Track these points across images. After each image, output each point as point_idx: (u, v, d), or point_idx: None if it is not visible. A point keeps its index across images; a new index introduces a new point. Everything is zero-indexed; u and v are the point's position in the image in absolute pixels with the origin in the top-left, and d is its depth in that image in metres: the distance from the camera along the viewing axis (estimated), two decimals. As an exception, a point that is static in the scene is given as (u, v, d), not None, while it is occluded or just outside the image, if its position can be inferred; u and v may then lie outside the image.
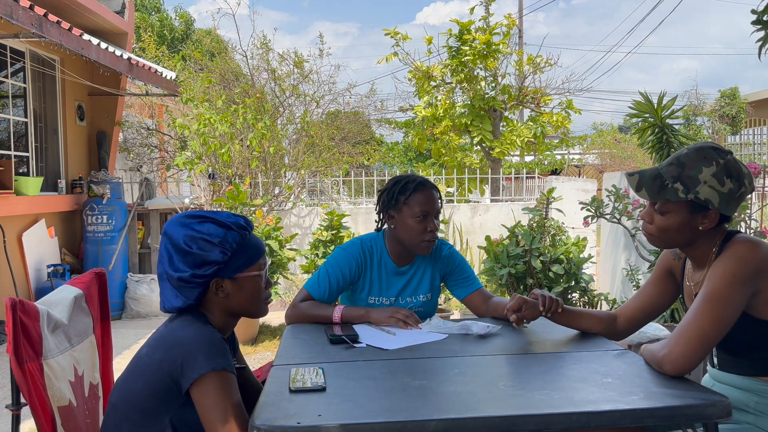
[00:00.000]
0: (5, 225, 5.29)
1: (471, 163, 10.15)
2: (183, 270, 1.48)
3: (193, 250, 1.48)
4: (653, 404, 1.32)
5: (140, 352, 1.49)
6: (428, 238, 2.15)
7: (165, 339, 1.45)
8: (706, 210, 1.58)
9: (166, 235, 1.52)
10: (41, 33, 4.75)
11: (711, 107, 14.40)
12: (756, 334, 1.57)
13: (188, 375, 1.36)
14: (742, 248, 1.55)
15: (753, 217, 4.15)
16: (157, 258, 1.59)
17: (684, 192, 1.56)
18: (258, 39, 10.25)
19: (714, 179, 1.55)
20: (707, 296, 1.51)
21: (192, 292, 1.49)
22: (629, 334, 1.90)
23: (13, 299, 1.40)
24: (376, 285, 2.24)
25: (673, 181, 1.58)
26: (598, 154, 19.12)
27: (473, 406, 1.33)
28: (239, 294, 1.54)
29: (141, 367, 1.45)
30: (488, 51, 9.20)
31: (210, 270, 1.49)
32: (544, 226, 4.72)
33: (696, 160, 1.57)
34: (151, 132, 8.87)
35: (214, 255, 1.49)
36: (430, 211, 2.14)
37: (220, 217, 1.54)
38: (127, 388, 1.45)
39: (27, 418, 1.53)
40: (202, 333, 1.42)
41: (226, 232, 1.51)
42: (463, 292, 2.32)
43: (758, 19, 2.74)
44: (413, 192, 2.15)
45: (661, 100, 3.78)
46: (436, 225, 2.17)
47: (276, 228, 5.12)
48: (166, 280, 1.51)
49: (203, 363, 1.36)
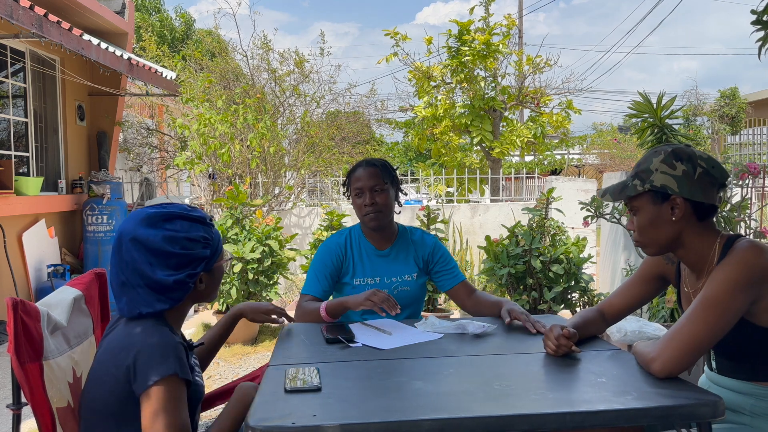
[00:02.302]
0: (5, 225, 5.30)
1: (471, 163, 10.15)
2: (173, 273, 1.43)
3: (177, 251, 1.44)
4: (647, 404, 1.32)
5: (99, 359, 1.45)
6: (365, 212, 2.28)
7: (122, 345, 1.40)
8: (668, 197, 1.59)
9: (136, 240, 1.42)
10: (41, 33, 4.76)
11: (711, 107, 14.39)
12: (756, 341, 1.56)
13: (140, 382, 1.33)
14: (747, 254, 1.52)
15: (753, 217, 4.15)
16: (117, 264, 1.44)
17: (641, 185, 1.61)
18: (258, 39, 10.27)
19: (663, 164, 1.59)
20: (705, 301, 1.49)
21: (182, 292, 1.46)
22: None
23: (14, 299, 1.39)
24: (359, 267, 2.33)
25: (632, 180, 1.63)
26: (597, 154, 19.12)
27: (468, 406, 1.34)
28: (211, 283, 1.55)
29: (102, 375, 1.41)
30: (488, 51, 9.20)
31: (200, 267, 1.48)
32: (544, 226, 4.72)
33: (649, 156, 1.64)
34: (151, 132, 8.88)
35: (200, 251, 1.47)
36: (364, 185, 2.28)
37: (185, 212, 1.49)
38: (94, 398, 1.42)
39: (27, 417, 1.54)
40: (157, 339, 1.38)
41: (203, 228, 1.50)
42: (447, 283, 2.40)
43: (758, 19, 2.75)
44: (351, 173, 2.35)
45: (661, 100, 3.79)
46: (376, 200, 2.28)
47: (276, 228, 5.13)
48: (140, 287, 1.42)
49: (155, 370, 1.32)
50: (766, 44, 2.74)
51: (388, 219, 2.34)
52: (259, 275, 4.90)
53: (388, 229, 2.37)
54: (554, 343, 1.66)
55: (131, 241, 1.43)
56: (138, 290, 1.43)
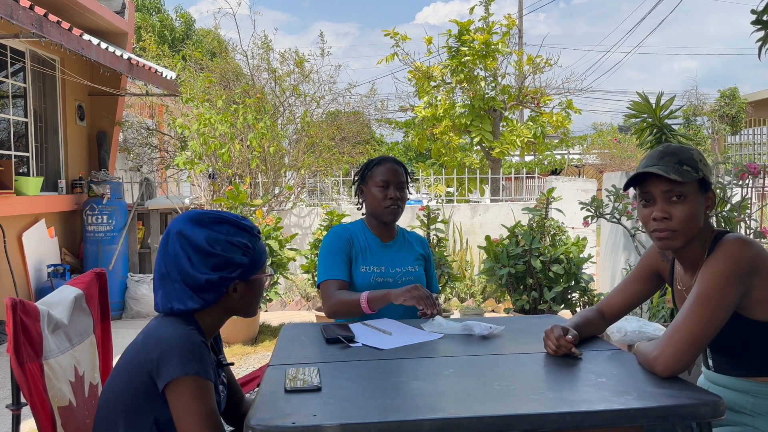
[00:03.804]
0: (5, 225, 5.30)
1: (471, 163, 10.15)
2: (208, 273, 1.46)
3: (217, 251, 1.47)
4: (647, 404, 1.32)
5: (126, 352, 1.48)
6: (388, 204, 2.35)
7: (148, 338, 1.43)
8: (708, 188, 1.61)
9: (182, 234, 1.48)
10: (41, 33, 4.76)
11: (711, 107, 14.39)
12: (749, 335, 1.57)
13: (163, 375, 1.35)
14: (734, 247, 1.54)
15: (753, 217, 4.15)
16: (162, 257, 1.50)
17: (694, 171, 1.56)
18: (258, 39, 10.27)
19: (701, 156, 1.60)
20: (698, 297, 1.51)
21: (212, 294, 1.48)
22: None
23: (13, 299, 1.39)
24: (366, 255, 2.39)
25: (680, 165, 1.56)
26: (598, 154, 19.13)
27: (468, 406, 1.33)
28: (248, 295, 1.55)
29: (125, 366, 1.44)
30: (488, 51, 9.20)
31: (236, 273, 1.49)
32: (544, 226, 4.73)
33: (679, 148, 1.61)
34: (151, 132, 8.88)
35: (239, 258, 1.49)
36: (390, 179, 2.36)
37: (236, 219, 1.53)
38: (113, 388, 1.44)
39: (27, 417, 1.54)
40: (182, 335, 1.40)
41: (248, 235, 1.52)
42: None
43: (758, 19, 2.75)
44: (375, 165, 2.41)
45: (660, 101, 3.79)
46: (399, 195, 2.37)
47: (276, 228, 5.13)
48: (177, 282, 1.47)
49: (178, 366, 1.34)
50: (766, 44, 2.74)
51: (400, 216, 2.46)
52: (259, 275, 4.89)
53: (394, 225, 2.49)
54: (554, 344, 1.66)
55: (177, 234, 1.48)
56: (174, 285, 1.47)
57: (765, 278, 1.53)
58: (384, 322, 2.09)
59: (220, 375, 1.62)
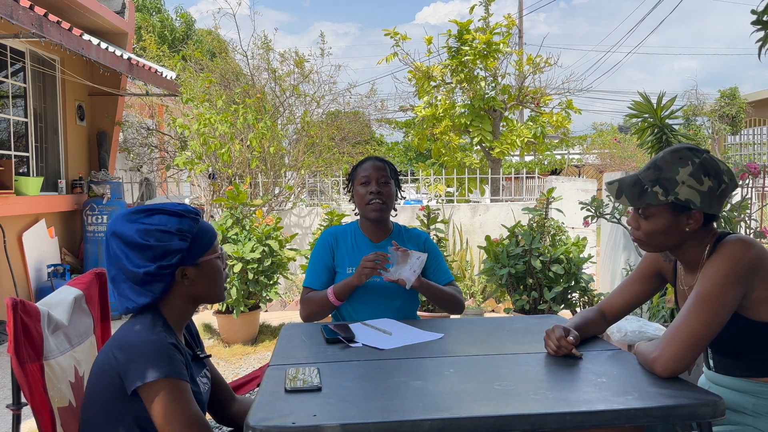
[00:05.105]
0: (5, 225, 5.30)
1: (471, 163, 10.15)
2: (145, 265, 1.45)
3: (151, 243, 1.45)
4: (647, 404, 1.32)
5: (99, 355, 1.47)
6: (369, 199, 2.39)
7: (117, 340, 1.42)
8: (689, 210, 1.58)
9: (115, 235, 1.47)
10: (41, 33, 4.76)
11: (711, 107, 14.38)
12: (750, 335, 1.57)
13: (131, 379, 1.34)
14: (735, 247, 1.55)
15: (753, 217, 4.15)
16: (107, 261, 1.50)
17: (663, 195, 1.56)
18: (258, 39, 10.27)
19: (692, 179, 1.55)
20: (699, 297, 1.51)
21: (158, 285, 1.47)
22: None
23: (14, 299, 1.40)
24: (352, 256, 2.44)
25: (652, 185, 1.58)
26: (598, 154, 19.13)
27: (468, 406, 1.34)
28: (202, 279, 1.53)
29: (99, 368, 1.43)
30: (488, 51, 9.20)
31: (174, 259, 1.47)
32: (544, 226, 4.73)
33: (672, 162, 1.58)
34: (151, 132, 8.89)
35: (175, 244, 1.47)
36: (371, 175, 2.40)
37: (168, 207, 1.51)
38: (90, 392, 1.44)
39: (27, 417, 1.54)
40: (147, 338, 1.39)
41: (180, 220, 1.50)
42: (439, 281, 2.46)
43: (758, 19, 2.75)
44: (359, 165, 2.48)
45: (661, 101, 3.79)
46: (380, 190, 2.39)
47: (276, 228, 5.13)
48: (125, 281, 1.46)
49: (146, 370, 1.33)
50: (766, 44, 2.74)
51: (388, 213, 2.45)
52: (259, 275, 4.90)
53: (385, 223, 2.49)
54: (555, 344, 1.67)
55: (112, 236, 1.48)
56: (122, 285, 1.47)
57: (766, 279, 1.53)
58: (384, 322, 2.09)
59: (201, 369, 1.61)
